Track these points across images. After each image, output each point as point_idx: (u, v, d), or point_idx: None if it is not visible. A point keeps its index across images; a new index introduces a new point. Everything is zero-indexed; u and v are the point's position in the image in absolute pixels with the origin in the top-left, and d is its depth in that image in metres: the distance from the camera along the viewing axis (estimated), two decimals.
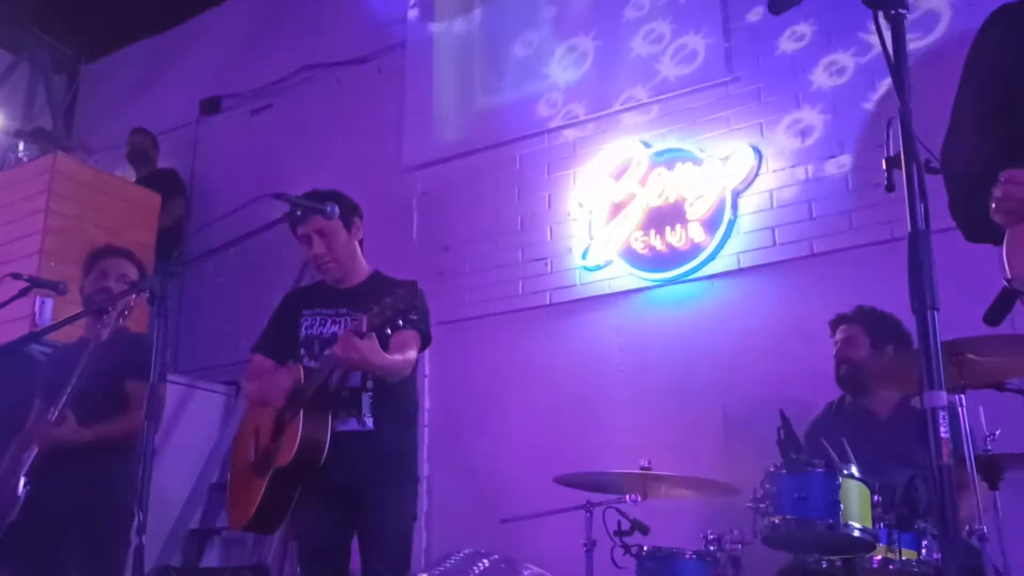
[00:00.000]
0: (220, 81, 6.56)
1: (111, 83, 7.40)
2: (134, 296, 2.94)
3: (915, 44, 3.98)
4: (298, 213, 2.73)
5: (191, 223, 6.17)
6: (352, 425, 2.83)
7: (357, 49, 5.93)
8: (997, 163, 1.54)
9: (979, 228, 1.61)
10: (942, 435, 1.10)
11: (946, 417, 1.15)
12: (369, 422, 2.85)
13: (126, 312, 3.02)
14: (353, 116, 5.82)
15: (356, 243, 3.09)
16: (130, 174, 6.24)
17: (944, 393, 1.13)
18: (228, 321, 5.66)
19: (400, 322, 2.59)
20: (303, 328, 3.00)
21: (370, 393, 2.86)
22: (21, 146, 6.17)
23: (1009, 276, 1.45)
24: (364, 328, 2.58)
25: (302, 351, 2.97)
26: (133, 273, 3.41)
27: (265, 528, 2.97)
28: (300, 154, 5.88)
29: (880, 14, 1.27)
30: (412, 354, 2.89)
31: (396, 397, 2.92)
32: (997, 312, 1.43)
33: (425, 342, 2.98)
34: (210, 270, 5.17)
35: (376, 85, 5.81)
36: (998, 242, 1.56)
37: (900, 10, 1.26)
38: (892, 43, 1.26)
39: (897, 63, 1.25)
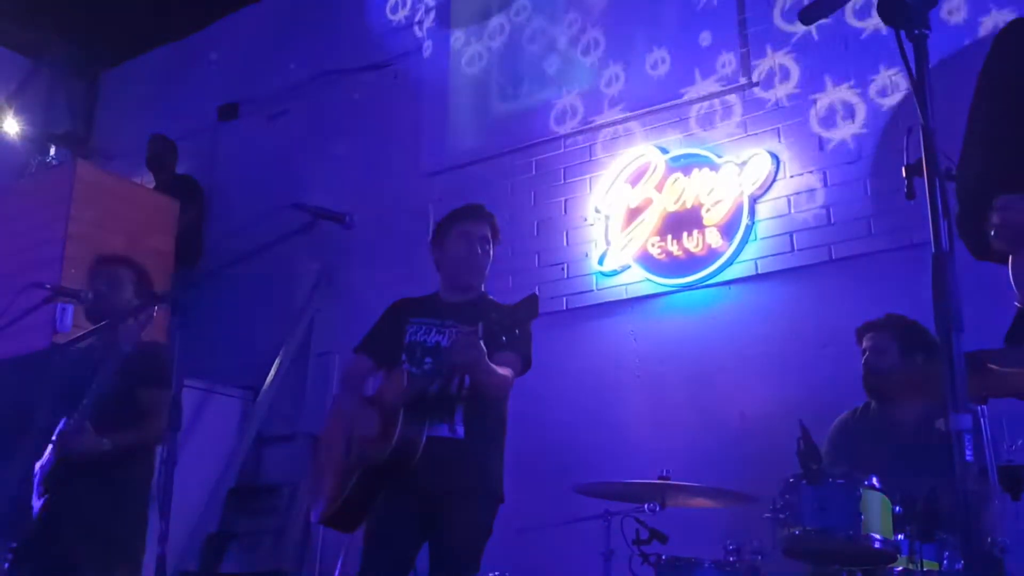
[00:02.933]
0: (238, 87, 6.60)
1: (130, 89, 7.45)
2: (156, 308, 2.96)
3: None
4: (316, 222, 2.75)
5: (209, 229, 6.21)
6: (443, 432, 2.88)
7: (373, 55, 5.95)
8: (1007, 183, 1.53)
9: (986, 248, 1.60)
10: (967, 458, 1.10)
11: (971, 438, 1.14)
12: (460, 431, 2.91)
13: (148, 324, 3.04)
14: (370, 121, 5.84)
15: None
16: (149, 180, 6.28)
17: (970, 417, 1.12)
18: (246, 325, 5.69)
19: (505, 339, 2.68)
20: (408, 334, 3.06)
21: (464, 403, 2.92)
22: (52, 150, 6.22)
23: (1020, 302, 1.45)
24: (480, 334, 2.66)
25: (404, 356, 3.03)
26: (131, 282, 3.42)
27: (345, 525, 3.02)
28: (317, 159, 5.90)
29: (903, 34, 1.26)
30: (511, 374, 2.96)
31: (489, 411, 2.99)
32: (1016, 335, 1.42)
33: (525, 366, 3.05)
34: (227, 276, 5.19)
35: (393, 91, 5.82)
36: (1003, 261, 1.56)
37: (923, 30, 1.25)
38: (915, 62, 1.25)
39: (919, 81, 1.25)
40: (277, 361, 5.27)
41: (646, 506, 2.97)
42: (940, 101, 1.78)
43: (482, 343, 2.70)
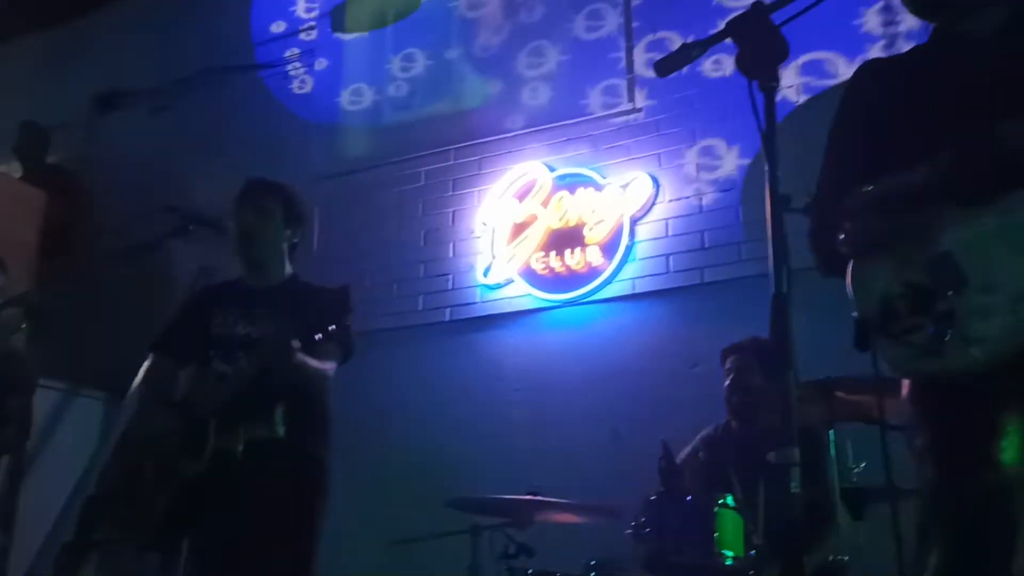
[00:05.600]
0: (118, 77, 6.34)
1: (1, 73, 7.06)
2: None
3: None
4: (190, 227, 2.68)
5: (79, 223, 5.93)
6: (263, 434, 2.71)
7: (263, 54, 5.84)
8: (849, 199, 1.63)
9: (834, 264, 1.70)
10: (793, 491, 1.17)
11: (798, 472, 1.21)
12: (282, 431, 2.74)
13: None
14: (256, 121, 5.72)
15: (287, 244, 2.98)
16: (16, 169, 5.97)
17: (797, 450, 1.20)
18: (112, 327, 5.48)
19: (325, 330, 2.56)
20: (213, 326, 2.85)
21: (283, 402, 2.75)
22: None
23: (857, 311, 1.55)
24: (291, 332, 2.54)
25: (210, 352, 2.82)
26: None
27: (167, 544, 2.86)
28: (200, 158, 5.72)
29: (755, 84, 1.34)
30: (331, 366, 2.81)
31: (312, 408, 2.83)
32: (860, 341, 1.52)
33: (347, 355, 2.88)
34: (95, 274, 4.98)
35: (281, 92, 5.73)
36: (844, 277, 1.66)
37: (772, 83, 1.33)
38: (764, 112, 1.33)
39: (769, 132, 1.32)
40: (145, 364, 5.08)
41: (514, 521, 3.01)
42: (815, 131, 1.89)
43: (296, 341, 2.57)
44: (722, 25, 1.38)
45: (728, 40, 1.40)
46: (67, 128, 6.21)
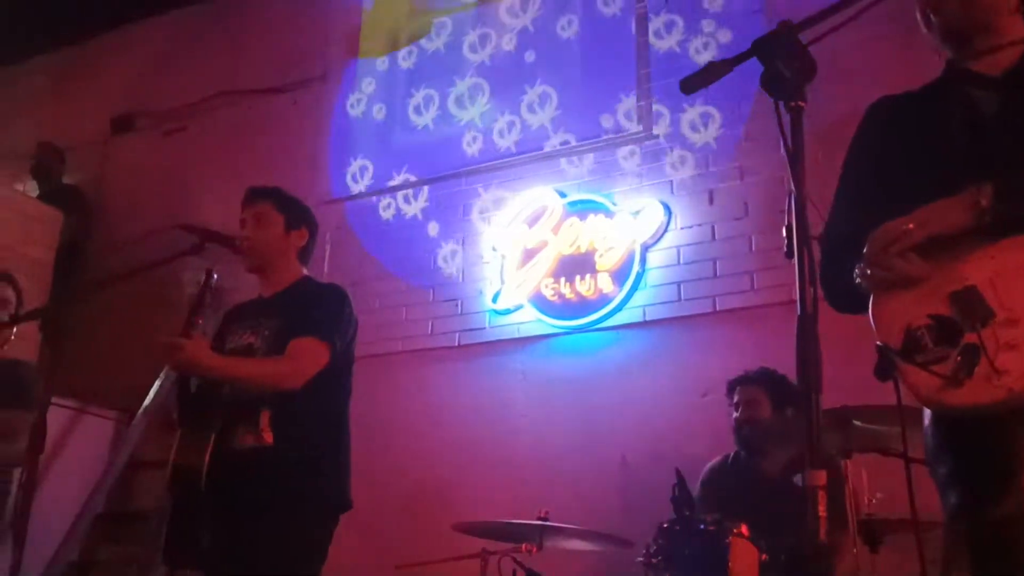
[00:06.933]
0: (134, 99, 6.41)
1: (18, 93, 7.13)
2: (15, 328, 2.78)
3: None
4: (205, 246, 2.68)
5: (93, 243, 5.97)
6: (248, 441, 2.56)
7: (276, 78, 5.89)
8: (861, 234, 1.62)
9: (844, 300, 1.69)
10: (820, 514, 1.15)
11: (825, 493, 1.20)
12: (267, 437, 2.56)
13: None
14: (269, 145, 5.76)
15: (292, 249, 2.89)
16: (33, 188, 6.02)
17: (824, 473, 1.18)
18: (123, 346, 5.48)
19: (302, 324, 2.51)
20: (227, 343, 2.80)
21: (269, 405, 2.59)
22: None
23: (879, 339, 1.54)
24: (189, 331, 2.48)
25: None
26: (12, 299, 3.24)
27: (182, 560, 2.77)
28: (212, 179, 5.77)
29: (781, 105, 1.34)
30: (303, 363, 2.60)
31: (304, 410, 2.62)
32: (882, 370, 1.51)
33: (330, 347, 2.65)
34: (108, 293, 4.99)
35: (293, 116, 5.77)
36: (855, 312, 1.65)
37: (799, 102, 1.33)
38: (791, 133, 1.32)
39: (795, 152, 1.32)
40: (157, 383, 5.08)
41: (523, 546, 2.98)
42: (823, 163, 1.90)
43: (200, 339, 2.51)
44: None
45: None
46: (83, 148, 6.27)
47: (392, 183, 5.25)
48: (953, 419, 1.52)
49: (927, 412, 1.63)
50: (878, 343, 1.54)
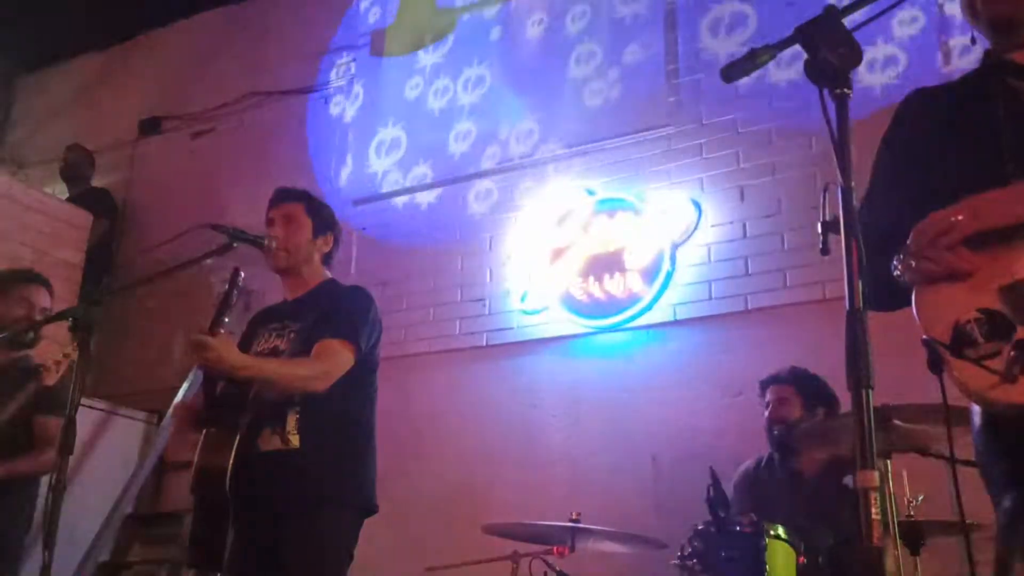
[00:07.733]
0: (162, 102, 6.45)
1: (48, 97, 7.21)
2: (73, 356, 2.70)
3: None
4: (234, 245, 2.66)
5: (123, 244, 6.01)
6: (275, 444, 2.53)
7: (304, 78, 5.90)
8: (899, 228, 1.57)
9: (881, 297, 1.63)
10: (874, 516, 1.11)
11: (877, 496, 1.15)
12: (294, 440, 2.54)
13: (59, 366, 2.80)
14: (296, 146, 5.77)
15: (318, 253, 2.87)
16: (63, 191, 6.07)
17: (876, 474, 1.13)
18: (152, 347, 5.51)
19: (328, 326, 2.49)
20: (254, 347, 2.78)
21: (298, 407, 2.57)
22: None
23: (925, 332, 1.49)
24: (211, 331, 2.44)
25: None
26: (50, 306, 3.26)
27: (211, 564, 2.68)
28: (239, 181, 5.78)
29: (826, 92, 1.29)
30: (329, 364, 2.58)
31: (329, 413, 2.59)
32: (934, 364, 1.45)
33: (355, 349, 2.62)
34: (138, 294, 5.02)
35: (320, 117, 5.78)
36: (892, 309, 1.59)
37: (845, 89, 1.28)
38: (837, 121, 1.28)
39: (842, 141, 1.27)
40: (186, 384, 5.09)
41: (555, 549, 2.95)
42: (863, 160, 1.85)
43: (227, 338, 2.48)
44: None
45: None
46: (112, 151, 6.31)
47: (420, 183, 5.22)
48: (1007, 418, 1.47)
49: (975, 411, 1.58)
50: (924, 337, 1.48)
